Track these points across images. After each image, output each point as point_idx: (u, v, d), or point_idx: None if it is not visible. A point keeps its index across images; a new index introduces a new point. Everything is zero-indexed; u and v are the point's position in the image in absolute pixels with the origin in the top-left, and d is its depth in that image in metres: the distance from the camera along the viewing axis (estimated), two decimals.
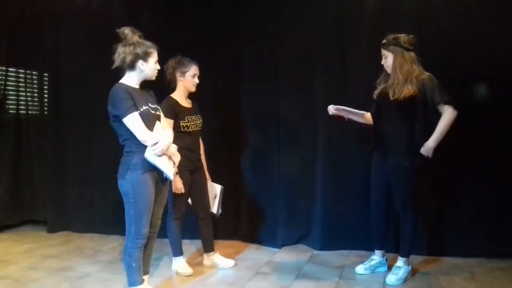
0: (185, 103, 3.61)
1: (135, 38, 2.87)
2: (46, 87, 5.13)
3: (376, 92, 3.50)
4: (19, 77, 5.23)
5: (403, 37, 3.32)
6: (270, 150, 4.41)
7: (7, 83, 5.14)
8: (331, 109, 3.59)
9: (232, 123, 4.50)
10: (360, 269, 3.65)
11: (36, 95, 5.25)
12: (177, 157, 3.00)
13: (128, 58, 2.85)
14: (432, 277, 3.52)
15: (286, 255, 4.14)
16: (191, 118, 3.57)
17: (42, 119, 5.18)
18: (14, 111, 5.22)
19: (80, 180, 4.95)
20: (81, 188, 4.95)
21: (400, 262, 3.46)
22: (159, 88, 3.27)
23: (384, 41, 3.39)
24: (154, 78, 2.98)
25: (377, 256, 3.68)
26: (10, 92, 5.19)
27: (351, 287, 3.35)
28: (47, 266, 3.84)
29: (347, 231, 4.22)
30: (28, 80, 5.24)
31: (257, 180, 4.46)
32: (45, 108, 5.16)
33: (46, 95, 5.14)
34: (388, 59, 3.38)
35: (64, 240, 4.69)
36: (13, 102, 5.23)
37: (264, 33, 4.34)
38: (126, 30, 2.88)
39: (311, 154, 4.32)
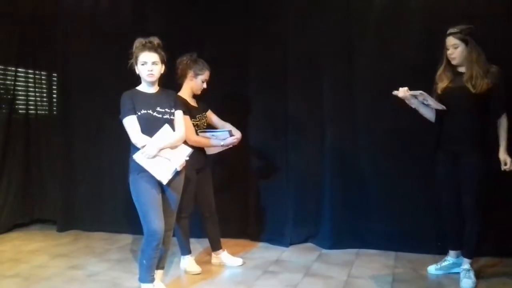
0: (192, 102, 3.62)
1: (136, 45, 2.99)
2: (55, 87, 5.18)
3: (442, 86, 3.30)
4: (28, 78, 5.27)
5: (473, 28, 3.18)
6: (278, 148, 4.41)
7: (17, 83, 5.18)
8: (407, 94, 3.28)
9: (240, 122, 4.47)
10: (431, 269, 3.56)
11: (45, 95, 5.29)
12: (177, 160, 2.98)
13: (133, 65, 3.04)
14: (440, 276, 3.50)
15: (294, 254, 4.14)
16: (200, 116, 3.60)
17: (51, 119, 5.23)
18: (24, 111, 5.26)
19: (89, 179, 4.99)
20: (90, 187, 4.98)
21: (467, 264, 3.33)
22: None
23: (456, 30, 3.20)
24: (148, 79, 2.98)
25: (451, 257, 3.53)
26: (20, 93, 5.23)
27: (360, 286, 3.34)
28: (56, 265, 3.87)
29: (355, 230, 4.22)
30: (37, 81, 5.28)
31: (265, 179, 4.46)
32: (54, 108, 5.22)
33: (55, 95, 5.20)
34: (458, 49, 3.20)
35: (73, 239, 4.72)
36: (23, 102, 5.26)
37: (272, 32, 4.34)
38: (136, 41, 3.01)
39: (319, 153, 4.31)
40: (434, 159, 3.93)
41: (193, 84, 3.59)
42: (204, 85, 3.61)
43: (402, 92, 3.29)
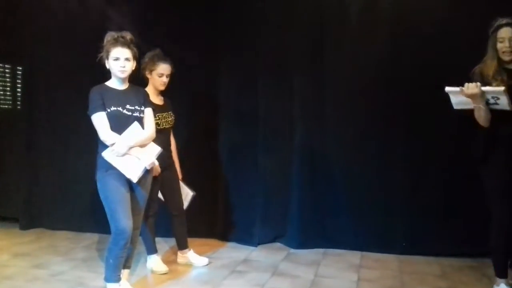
0: (157, 100, 3.55)
1: (107, 39, 2.93)
2: (20, 81, 5.03)
3: (504, 85, 2.71)
4: None
5: None
6: (248, 148, 4.41)
7: None
8: (479, 91, 2.68)
9: (211, 122, 4.48)
10: None
11: (8, 89, 5.15)
12: (147, 158, 2.93)
13: (103, 60, 2.97)
14: (404, 275, 3.58)
15: (262, 254, 4.15)
16: (162, 115, 3.52)
17: (15, 114, 5.08)
18: None
19: (54, 176, 4.86)
20: (55, 184, 4.86)
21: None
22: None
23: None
24: (120, 75, 2.93)
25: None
26: None
27: (326, 285, 3.38)
28: (19, 264, 3.76)
29: (323, 230, 4.27)
30: (0, 74, 5.13)
31: (234, 178, 4.45)
32: (18, 103, 5.07)
33: (19, 90, 5.05)
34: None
35: (36, 237, 4.60)
36: None
37: (243, 32, 4.34)
38: (107, 34, 2.95)
39: (288, 153, 4.34)
40: (405, 159, 4.03)
41: (152, 81, 3.53)
42: (163, 79, 3.52)
43: (474, 88, 2.70)
